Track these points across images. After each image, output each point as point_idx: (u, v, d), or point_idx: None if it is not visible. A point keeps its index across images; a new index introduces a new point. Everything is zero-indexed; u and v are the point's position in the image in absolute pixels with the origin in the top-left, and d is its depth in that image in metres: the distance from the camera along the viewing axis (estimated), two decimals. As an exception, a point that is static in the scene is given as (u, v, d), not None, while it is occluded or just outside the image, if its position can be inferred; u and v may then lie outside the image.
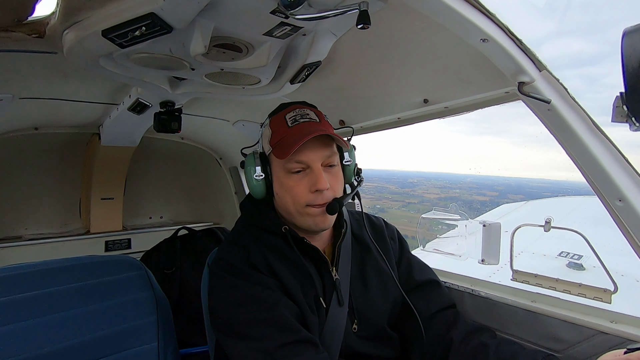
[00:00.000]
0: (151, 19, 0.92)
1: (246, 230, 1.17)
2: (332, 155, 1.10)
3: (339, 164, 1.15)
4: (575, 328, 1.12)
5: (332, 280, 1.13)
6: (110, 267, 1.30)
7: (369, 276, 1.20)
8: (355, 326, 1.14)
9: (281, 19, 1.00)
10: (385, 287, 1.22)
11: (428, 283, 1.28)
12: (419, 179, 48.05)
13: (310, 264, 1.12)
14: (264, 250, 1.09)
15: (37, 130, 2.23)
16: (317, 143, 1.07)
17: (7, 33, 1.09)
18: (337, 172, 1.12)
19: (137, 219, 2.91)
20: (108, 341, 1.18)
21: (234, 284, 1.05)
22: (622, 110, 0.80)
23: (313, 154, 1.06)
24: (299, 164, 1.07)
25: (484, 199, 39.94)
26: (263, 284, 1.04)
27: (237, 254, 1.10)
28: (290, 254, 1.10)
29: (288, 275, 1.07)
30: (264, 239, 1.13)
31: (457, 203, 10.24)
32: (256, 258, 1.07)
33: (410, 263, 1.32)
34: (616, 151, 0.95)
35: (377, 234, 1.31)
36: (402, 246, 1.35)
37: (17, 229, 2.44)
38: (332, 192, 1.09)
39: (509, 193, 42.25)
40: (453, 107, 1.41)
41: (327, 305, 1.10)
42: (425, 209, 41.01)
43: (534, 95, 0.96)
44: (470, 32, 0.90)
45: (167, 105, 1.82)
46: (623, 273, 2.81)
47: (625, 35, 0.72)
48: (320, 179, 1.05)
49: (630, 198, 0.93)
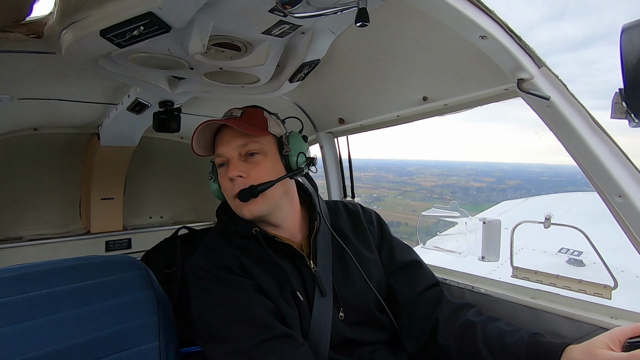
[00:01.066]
0: (149, 19, 0.92)
1: (220, 237, 1.20)
2: (248, 144, 1.12)
3: (269, 153, 1.15)
4: (575, 324, 1.12)
5: (311, 273, 1.14)
6: (110, 267, 1.30)
7: (349, 263, 1.22)
8: (342, 314, 1.15)
9: (280, 17, 1.00)
10: (368, 271, 1.22)
11: (410, 264, 1.29)
12: (418, 168, 47.94)
13: (286, 260, 1.14)
14: (237, 253, 1.12)
15: (37, 130, 2.23)
16: (231, 135, 1.13)
17: (5, 33, 1.09)
18: (259, 161, 1.13)
19: (137, 219, 2.91)
20: (109, 341, 1.18)
21: (207, 289, 1.08)
22: (621, 107, 0.80)
23: (227, 146, 1.13)
24: (220, 157, 1.14)
25: (480, 185, 39.94)
26: (237, 285, 1.06)
27: (209, 258, 1.13)
28: (264, 254, 1.12)
29: (262, 275, 1.09)
30: (237, 242, 1.16)
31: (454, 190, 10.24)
32: (229, 261, 1.10)
33: (392, 245, 1.33)
34: (616, 147, 0.95)
35: (353, 220, 1.34)
36: (383, 229, 1.36)
37: (17, 230, 2.44)
38: (250, 180, 1.11)
39: (506, 179, 42.18)
40: (452, 104, 1.41)
41: (312, 297, 1.12)
42: (421, 197, 40.96)
43: (533, 92, 0.96)
44: (469, 29, 0.90)
45: (166, 105, 1.81)
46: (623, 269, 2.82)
47: (624, 32, 0.72)
48: (230, 167, 1.11)
49: (629, 194, 0.94)
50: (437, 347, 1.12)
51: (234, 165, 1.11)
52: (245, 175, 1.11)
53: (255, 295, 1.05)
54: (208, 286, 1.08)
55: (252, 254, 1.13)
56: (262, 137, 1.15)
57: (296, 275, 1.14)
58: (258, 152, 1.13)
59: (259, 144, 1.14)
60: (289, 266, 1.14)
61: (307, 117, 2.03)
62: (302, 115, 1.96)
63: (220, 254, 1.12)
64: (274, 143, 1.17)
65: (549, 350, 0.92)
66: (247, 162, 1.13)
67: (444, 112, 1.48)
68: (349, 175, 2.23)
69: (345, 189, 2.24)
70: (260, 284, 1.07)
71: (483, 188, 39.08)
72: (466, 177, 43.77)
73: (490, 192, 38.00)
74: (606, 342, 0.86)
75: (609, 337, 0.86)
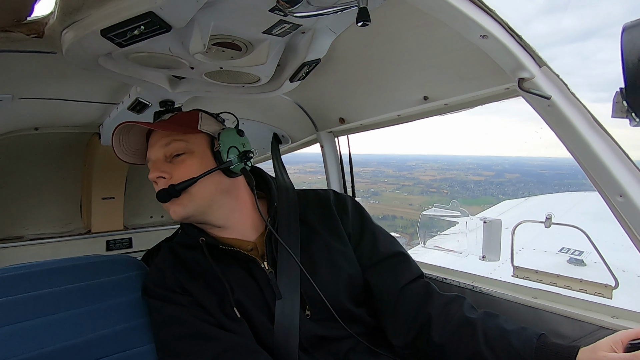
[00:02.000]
0: (150, 18, 0.92)
1: (168, 252, 1.20)
2: (171, 144, 1.11)
3: (197, 152, 1.13)
4: (576, 324, 1.12)
5: (265, 275, 1.10)
6: (111, 267, 1.30)
7: (316, 257, 1.16)
8: (308, 312, 1.10)
9: (280, 16, 1.00)
10: (336, 264, 1.17)
11: (394, 256, 1.23)
12: (418, 162, 47.83)
13: (236, 266, 1.12)
14: (178, 269, 1.12)
15: (38, 130, 2.23)
16: (156, 138, 1.13)
17: (6, 33, 1.09)
18: (182, 161, 1.11)
19: (138, 219, 2.91)
20: (110, 340, 1.18)
21: (155, 307, 1.10)
22: (622, 106, 0.80)
23: (152, 148, 1.13)
24: (148, 162, 1.14)
25: (479, 179, 39.91)
26: (179, 302, 1.06)
27: (155, 277, 1.14)
28: (209, 267, 1.10)
29: (202, 291, 1.07)
30: (184, 256, 1.15)
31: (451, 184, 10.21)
32: (169, 280, 1.10)
33: (375, 236, 1.26)
34: (617, 147, 0.95)
35: (322, 209, 1.26)
36: (363, 217, 1.29)
37: (18, 229, 2.45)
38: (173, 180, 1.08)
39: (506, 172, 42.14)
40: (453, 103, 1.41)
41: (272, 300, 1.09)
42: (419, 191, 40.95)
43: (533, 91, 0.96)
44: (470, 29, 0.89)
45: (167, 104, 1.81)
46: (624, 269, 2.82)
47: (624, 31, 0.72)
48: (150, 170, 1.11)
49: (630, 194, 0.93)
50: (431, 344, 1.08)
51: (155, 166, 1.09)
52: (167, 176, 1.08)
53: (198, 311, 1.05)
54: (156, 304, 1.10)
55: (195, 268, 1.12)
56: (187, 136, 1.12)
57: (249, 282, 1.10)
58: (183, 151, 1.11)
59: (183, 142, 1.11)
60: (241, 273, 1.11)
61: (308, 117, 2.03)
62: (302, 114, 1.96)
63: (163, 272, 1.13)
64: (204, 141, 1.15)
65: (560, 356, 0.92)
66: (172, 162, 1.11)
67: (444, 112, 1.48)
68: (349, 172, 2.23)
69: (346, 187, 2.24)
70: (200, 302, 1.06)
71: (481, 182, 39.05)
72: (466, 171, 43.75)
73: (488, 185, 37.99)
74: (610, 344, 0.88)
75: (612, 340, 0.89)
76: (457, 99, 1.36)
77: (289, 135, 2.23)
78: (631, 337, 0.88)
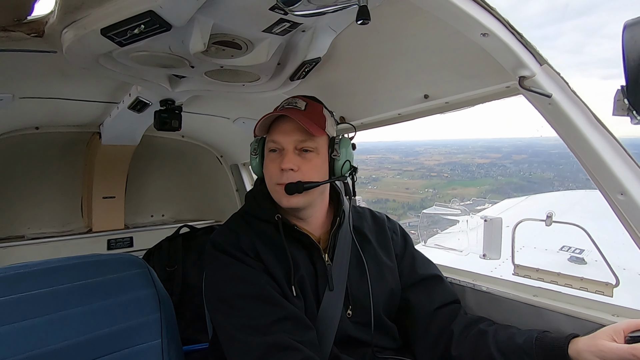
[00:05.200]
0: (150, 17, 0.92)
1: (240, 218, 1.23)
2: (306, 141, 1.13)
3: (321, 153, 1.17)
4: (577, 322, 1.12)
5: (324, 266, 1.16)
6: (112, 266, 1.31)
7: (366, 264, 1.23)
8: (350, 312, 1.16)
9: (280, 15, 1.00)
10: (383, 276, 1.24)
11: (431, 278, 1.30)
12: (426, 148, 47.29)
13: (302, 250, 1.16)
14: (253, 236, 1.14)
15: (38, 129, 2.23)
16: (291, 127, 1.14)
17: (7, 33, 1.09)
18: (311, 158, 1.15)
19: (139, 218, 2.92)
20: (111, 339, 1.19)
21: (223, 263, 1.11)
22: (623, 104, 0.80)
23: (286, 136, 1.14)
24: (274, 143, 1.15)
25: (484, 162, 39.55)
26: (250, 265, 1.09)
27: (228, 237, 1.15)
28: (279, 242, 1.13)
29: (273, 261, 1.11)
30: (256, 226, 1.18)
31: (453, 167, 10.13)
32: (245, 243, 1.12)
33: (414, 257, 1.34)
34: (617, 145, 0.95)
35: (377, 226, 1.36)
36: (406, 241, 1.38)
37: (19, 228, 2.45)
38: (300, 175, 1.12)
39: (513, 154, 41.79)
40: (454, 102, 1.41)
41: (322, 291, 1.14)
42: (419, 175, 40.66)
43: (534, 89, 0.96)
44: (471, 27, 0.89)
45: (168, 103, 1.81)
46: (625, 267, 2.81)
47: (626, 28, 0.71)
48: (285, 159, 1.12)
49: (631, 192, 0.93)
50: (450, 358, 1.15)
51: (288, 158, 1.12)
52: (296, 169, 1.12)
53: (266, 277, 1.08)
54: (225, 260, 1.11)
55: (267, 239, 1.15)
56: (319, 137, 1.16)
57: (309, 267, 1.15)
58: (312, 150, 1.15)
59: (315, 142, 1.15)
60: (304, 257, 1.16)
61: (308, 116, 2.03)
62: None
63: (237, 235, 1.15)
64: (326, 143, 1.19)
65: (557, 342, 0.97)
66: (300, 156, 1.14)
67: (445, 110, 1.48)
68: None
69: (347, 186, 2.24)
70: (271, 270, 1.10)
71: (484, 164, 38.75)
72: (473, 154, 43.21)
73: (491, 167, 37.76)
74: (610, 333, 0.90)
75: (613, 329, 0.91)
76: (457, 97, 1.36)
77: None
78: (632, 327, 0.90)
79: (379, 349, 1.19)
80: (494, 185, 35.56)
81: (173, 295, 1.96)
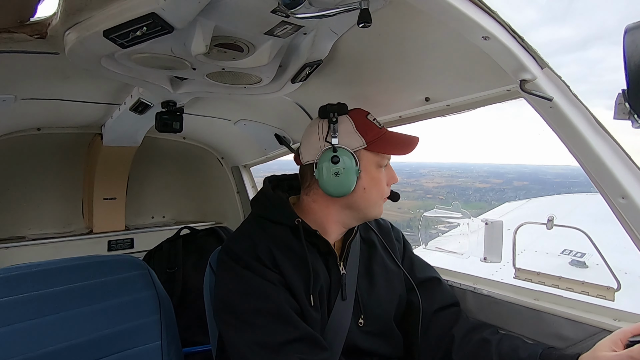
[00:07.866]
0: (152, 19, 0.92)
1: (256, 222, 1.18)
2: None
3: None
4: (578, 326, 1.11)
5: (338, 275, 1.15)
6: (113, 267, 1.31)
7: (375, 272, 1.23)
8: (362, 321, 1.15)
9: (282, 18, 1.00)
10: (391, 283, 1.25)
11: (429, 280, 1.31)
12: (431, 170, 47.84)
13: (319, 258, 1.14)
14: (270, 243, 1.10)
15: (40, 130, 2.24)
16: None
17: (10, 34, 1.10)
18: None
19: (140, 219, 2.92)
20: (111, 340, 1.19)
21: (240, 274, 1.05)
22: (624, 108, 0.80)
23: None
24: (388, 160, 1.21)
25: (484, 186, 39.93)
26: (267, 277, 1.04)
27: (244, 244, 1.10)
28: (298, 248, 1.10)
29: (291, 271, 1.07)
30: (273, 231, 1.13)
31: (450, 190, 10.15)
32: (262, 252, 1.07)
33: (412, 261, 1.36)
34: (619, 148, 0.95)
35: (384, 233, 1.36)
36: (406, 247, 1.41)
37: (20, 229, 2.45)
38: None
39: (514, 180, 42.10)
40: (455, 105, 1.41)
41: (333, 300, 1.12)
42: (416, 196, 40.87)
43: (535, 92, 0.96)
44: (472, 30, 0.89)
45: (169, 105, 1.82)
46: (626, 271, 2.80)
47: (627, 32, 0.71)
48: (393, 173, 1.22)
49: (633, 195, 0.93)
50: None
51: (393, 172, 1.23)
52: None
53: (284, 292, 1.05)
54: (240, 272, 1.05)
55: (285, 246, 1.11)
56: None
57: (325, 276, 1.13)
58: None
59: None
60: (321, 265, 1.13)
61: (310, 118, 2.03)
62: (304, 115, 1.96)
63: (254, 242, 1.10)
64: None
65: (563, 358, 0.97)
66: None
67: (446, 113, 1.48)
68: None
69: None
70: (287, 281, 1.06)
71: (483, 189, 39.13)
72: (475, 178, 43.72)
73: (488, 192, 38.08)
74: (609, 345, 0.90)
75: (611, 340, 0.91)
76: (458, 100, 1.36)
77: (290, 136, 2.23)
78: (628, 334, 0.90)
79: (385, 359, 1.18)
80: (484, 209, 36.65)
81: (173, 297, 1.96)
